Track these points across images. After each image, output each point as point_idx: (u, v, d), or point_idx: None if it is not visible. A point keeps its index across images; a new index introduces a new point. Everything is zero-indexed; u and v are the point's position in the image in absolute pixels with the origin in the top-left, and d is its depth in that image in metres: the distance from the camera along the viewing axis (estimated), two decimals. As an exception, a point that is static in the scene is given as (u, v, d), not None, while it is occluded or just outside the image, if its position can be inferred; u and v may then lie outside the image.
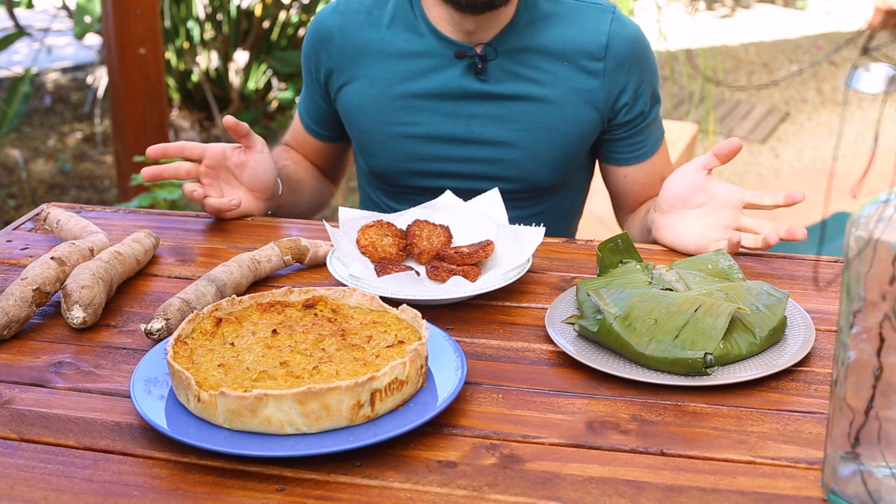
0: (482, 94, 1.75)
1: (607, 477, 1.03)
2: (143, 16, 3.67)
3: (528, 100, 1.75)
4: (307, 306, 1.28)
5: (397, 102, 1.78)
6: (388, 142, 1.81)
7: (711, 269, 1.39)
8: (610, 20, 1.75)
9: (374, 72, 1.79)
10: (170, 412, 1.11)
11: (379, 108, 1.80)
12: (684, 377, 1.19)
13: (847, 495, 0.96)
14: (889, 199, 0.90)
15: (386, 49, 1.78)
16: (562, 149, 1.79)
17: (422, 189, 1.81)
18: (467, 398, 1.17)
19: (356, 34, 1.80)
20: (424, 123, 1.78)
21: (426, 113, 1.78)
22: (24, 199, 4.59)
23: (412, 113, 1.78)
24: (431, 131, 1.78)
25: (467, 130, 1.78)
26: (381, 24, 1.78)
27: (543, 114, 1.76)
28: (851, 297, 0.93)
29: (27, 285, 1.34)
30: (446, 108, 1.77)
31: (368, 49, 1.79)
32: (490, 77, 1.75)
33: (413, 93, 1.77)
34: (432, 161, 1.80)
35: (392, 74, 1.78)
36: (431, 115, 1.78)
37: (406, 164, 1.81)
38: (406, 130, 1.79)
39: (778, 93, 6.28)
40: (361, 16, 1.80)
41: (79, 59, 6.49)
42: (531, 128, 1.76)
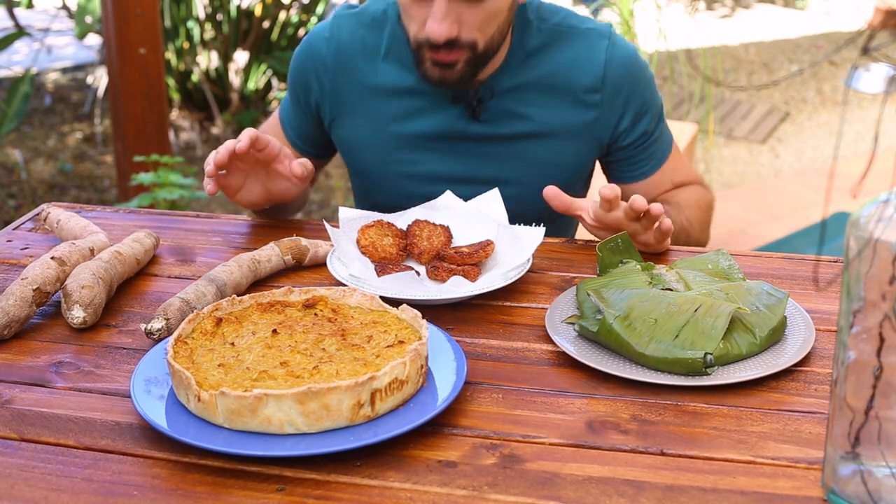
0: (480, 135, 1.74)
1: (607, 477, 1.03)
2: (143, 16, 3.67)
3: (527, 138, 1.74)
4: (307, 306, 1.28)
5: (395, 142, 1.76)
6: (387, 179, 1.80)
7: (711, 269, 1.39)
8: (605, 47, 1.71)
9: (369, 109, 1.76)
10: (170, 412, 1.11)
11: (376, 147, 1.78)
12: (684, 377, 1.19)
13: (847, 495, 0.96)
14: (889, 199, 0.90)
15: (381, 85, 1.75)
16: (563, 181, 1.75)
17: None
18: (467, 398, 1.17)
19: (350, 69, 1.76)
20: (424, 163, 1.77)
21: (424, 152, 1.76)
22: (24, 199, 4.59)
23: (411, 152, 1.76)
24: (431, 170, 1.77)
25: (467, 170, 1.76)
26: (377, 55, 1.75)
27: (543, 150, 1.75)
28: (851, 297, 0.93)
29: (27, 285, 1.34)
30: (445, 147, 1.75)
31: (363, 84, 1.76)
32: (488, 117, 1.73)
33: (411, 133, 1.75)
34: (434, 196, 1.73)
35: (388, 113, 1.75)
36: (430, 154, 1.76)
37: (406, 201, 1.76)
38: (405, 170, 1.78)
39: (778, 93, 6.28)
40: (355, 47, 1.76)
41: (79, 59, 6.49)
42: (532, 164, 1.75)
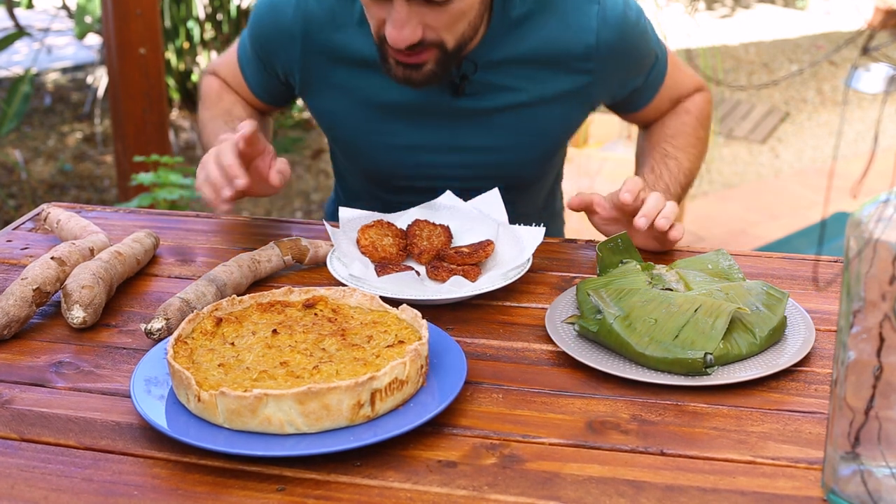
0: (465, 109, 1.67)
1: (607, 477, 1.03)
2: (143, 16, 3.67)
3: (514, 108, 1.67)
4: (307, 306, 1.28)
5: (374, 113, 1.69)
6: (369, 149, 1.74)
7: (711, 269, 1.39)
8: (596, 13, 1.62)
9: (343, 80, 1.68)
10: (170, 412, 1.11)
11: (355, 118, 1.71)
12: (684, 377, 1.19)
13: (847, 495, 0.96)
14: (889, 199, 0.90)
15: (355, 55, 1.65)
16: (552, 147, 1.76)
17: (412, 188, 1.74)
18: (467, 398, 1.17)
19: (319, 40, 1.66)
20: (405, 133, 1.70)
21: (404, 123, 1.69)
22: (24, 199, 4.59)
23: (391, 123, 1.69)
24: (414, 141, 1.70)
25: (451, 139, 1.70)
26: (350, 23, 1.64)
27: (532, 120, 1.69)
28: (851, 297, 0.93)
29: (27, 285, 1.34)
30: (427, 119, 1.68)
31: (336, 55, 1.66)
32: (472, 91, 1.65)
33: (389, 104, 1.67)
34: (417, 167, 1.73)
35: (365, 84, 1.67)
36: (411, 124, 1.69)
37: (391, 168, 1.75)
38: (387, 141, 1.71)
39: (778, 93, 6.28)
40: (324, 19, 1.65)
41: (79, 59, 6.49)
42: (520, 133, 1.70)
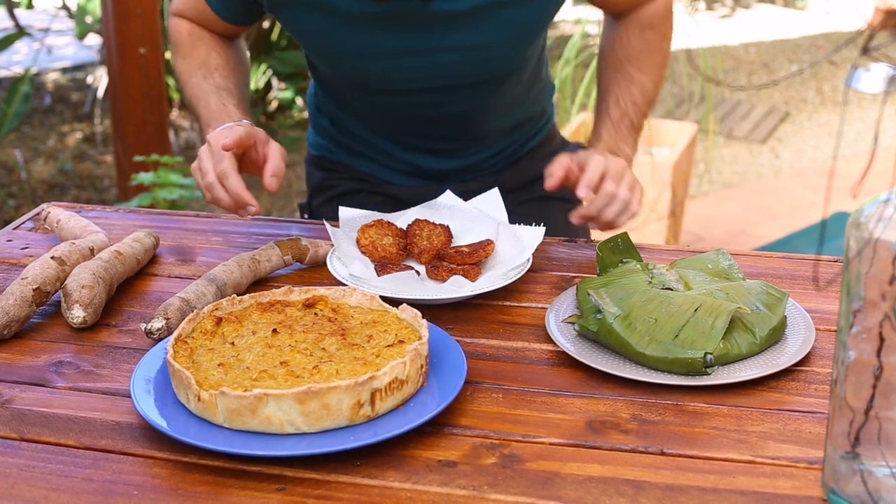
0: (439, 14, 1.58)
1: (607, 477, 1.03)
2: (143, 16, 3.67)
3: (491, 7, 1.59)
4: (307, 306, 1.28)
5: (346, 24, 1.60)
6: (345, 58, 1.67)
7: (711, 269, 1.39)
8: None
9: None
10: (170, 412, 1.11)
11: (327, 31, 1.63)
12: (684, 377, 1.19)
13: (847, 495, 0.96)
14: (889, 199, 0.90)
15: None
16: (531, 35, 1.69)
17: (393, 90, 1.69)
18: (467, 398, 1.17)
19: None
20: (380, 41, 1.62)
21: (378, 32, 1.61)
22: (24, 199, 4.59)
23: (365, 32, 1.61)
24: (390, 47, 1.62)
25: (428, 41, 1.61)
26: None
27: (513, 14, 1.61)
28: (851, 297, 0.93)
29: (27, 285, 1.34)
30: (402, 27, 1.60)
31: None
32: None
33: (361, 14, 1.59)
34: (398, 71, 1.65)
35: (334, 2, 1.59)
36: (385, 33, 1.61)
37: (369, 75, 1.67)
38: (362, 49, 1.64)
39: (778, 93, 6.28)
40: None
41: (79, 59, 6.49)
42: (497, 30, 1.62)
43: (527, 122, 1.88)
